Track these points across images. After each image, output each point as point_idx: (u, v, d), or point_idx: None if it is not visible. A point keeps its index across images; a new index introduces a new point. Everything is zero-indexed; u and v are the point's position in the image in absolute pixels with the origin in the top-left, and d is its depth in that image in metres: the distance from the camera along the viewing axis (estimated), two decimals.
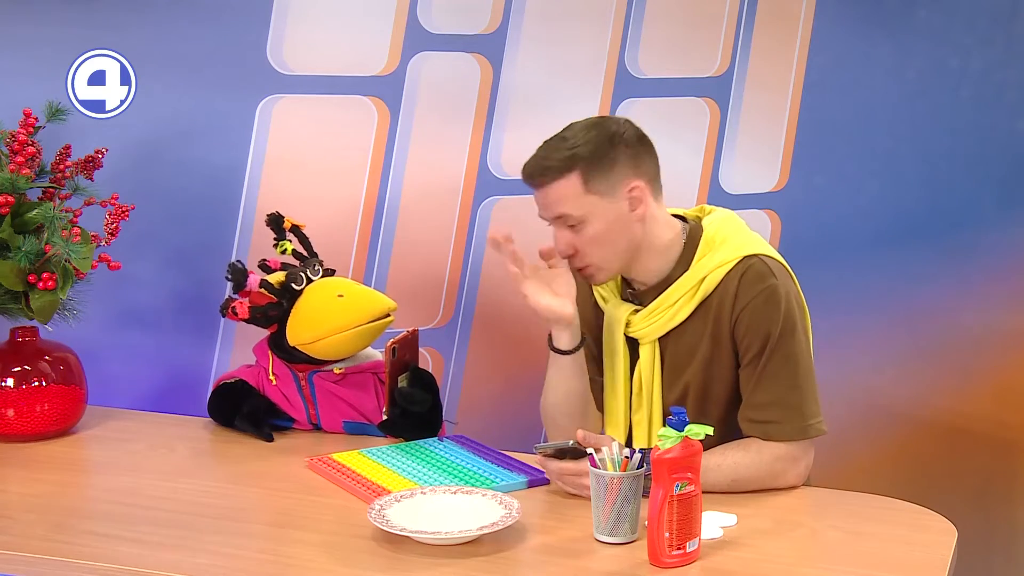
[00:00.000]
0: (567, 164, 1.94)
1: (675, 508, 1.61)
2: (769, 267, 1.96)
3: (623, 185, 1.96)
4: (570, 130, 1.99)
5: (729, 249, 1.98)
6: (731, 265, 1.96)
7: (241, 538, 1.77)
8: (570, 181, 1.94)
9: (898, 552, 1.68)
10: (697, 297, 1.98)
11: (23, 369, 2.18)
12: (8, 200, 2.10)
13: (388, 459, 2.03)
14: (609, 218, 1.96)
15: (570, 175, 1.94)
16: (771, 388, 1.93)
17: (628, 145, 1.97)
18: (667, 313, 2.00)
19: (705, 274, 1.97)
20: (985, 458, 2.84)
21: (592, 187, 1.94)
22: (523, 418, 2.73)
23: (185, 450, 2.15)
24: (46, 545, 1.72)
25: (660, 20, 2.69)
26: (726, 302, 1.96)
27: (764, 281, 1.94)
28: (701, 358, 1.99)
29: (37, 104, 2.22)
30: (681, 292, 1.99)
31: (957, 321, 2.81)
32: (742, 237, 2.01)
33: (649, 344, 2.02)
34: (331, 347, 2.15)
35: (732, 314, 1.95)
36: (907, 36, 2.77)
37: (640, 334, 2.03)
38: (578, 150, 1.94)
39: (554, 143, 1.98)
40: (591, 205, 1.95)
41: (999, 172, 2.79)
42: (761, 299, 1.93)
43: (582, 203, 1.95)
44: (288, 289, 2.17)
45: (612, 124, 1.99)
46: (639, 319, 2.03)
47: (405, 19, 2.53)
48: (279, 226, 2.23)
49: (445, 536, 1.67)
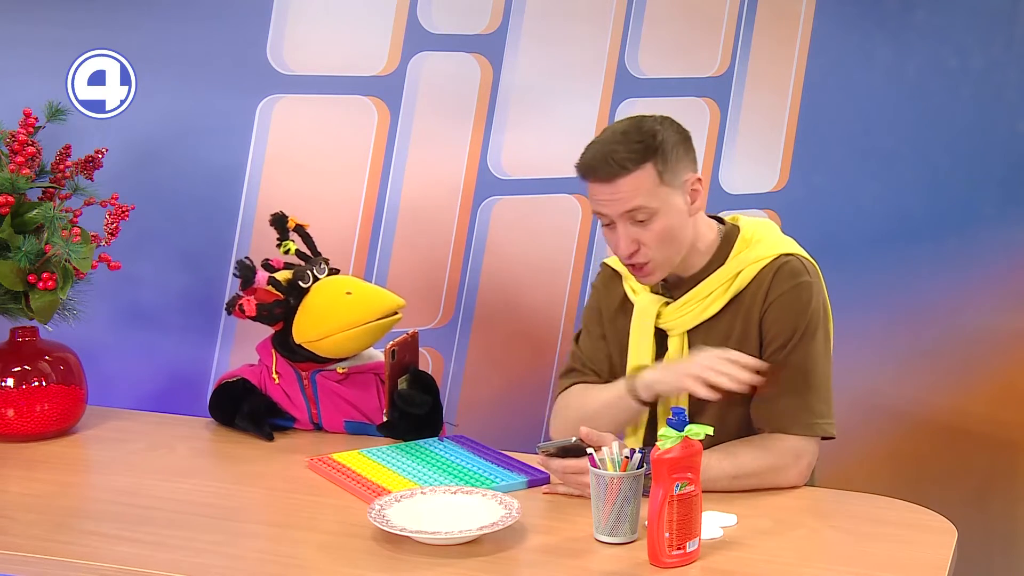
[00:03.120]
0: (643, 155, 1.91)
1: (675, 508, 1.61)
2: (804, 266, 1.98)
3: (686, 178, 1.96)
4: (623, 125, 1.97)
5: (766, 247, 2.00)
6: (766, 261, 1.98)
7: (241, 538, 1.77)
8: (646, 172, 1.91)
9: (898, 552, 1.68)
10: (731, 291, 1.98)
11: (23, 369, 2.18)
12: (8, 200, 2.10)
13: (388, 459, 2.03)
14: (677, 211, 1.95)
15: (646, 166, 1.91)
16: (784, 381, 1.94)
17: (684, 137, 1.97)
18: (699, 306, 2.00)
19: (740, 269, 1.98)
20: (985, 458, 2.85)
21: (665, 179, 1.93)
22: (523, 418, 2.74)
23: (185, 450, 2.15)
24: (46, 545, 1.72)
25: (660, 20, 2.69)
26: (758, 296, 1.97)
27: (797, 278, 1.96)
28: None
29: (37, 104, 2.22)
30: (715, 286, 1.99)
31: (957, 321, 2.82)
32: (778, 237, 2.04)
33: (678, 336, 2.02)
34: (338, 345, 2.15)
35: (762, 306, 1.96)
36: (907, 36, 2.77)
37: (670, 325, 2.03)
38: (651, 141, 1.92)
39: (619, 137, 1.94)
40: (665, 196, 1.93)
41: (999, 172, 2.79)
42: (792, 295, 1.95)
43: (657, 195, 1.92)
44: (295, 287, 2.17)
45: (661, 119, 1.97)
46: (670, 311, 2.02)
47: (405, 19, 2.53)
48: (283, 226, 2.23)
49: (445, 536, 1.67)
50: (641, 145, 1.92)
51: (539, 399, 2.77)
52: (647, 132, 1.93)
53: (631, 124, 1.97)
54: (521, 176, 2.67)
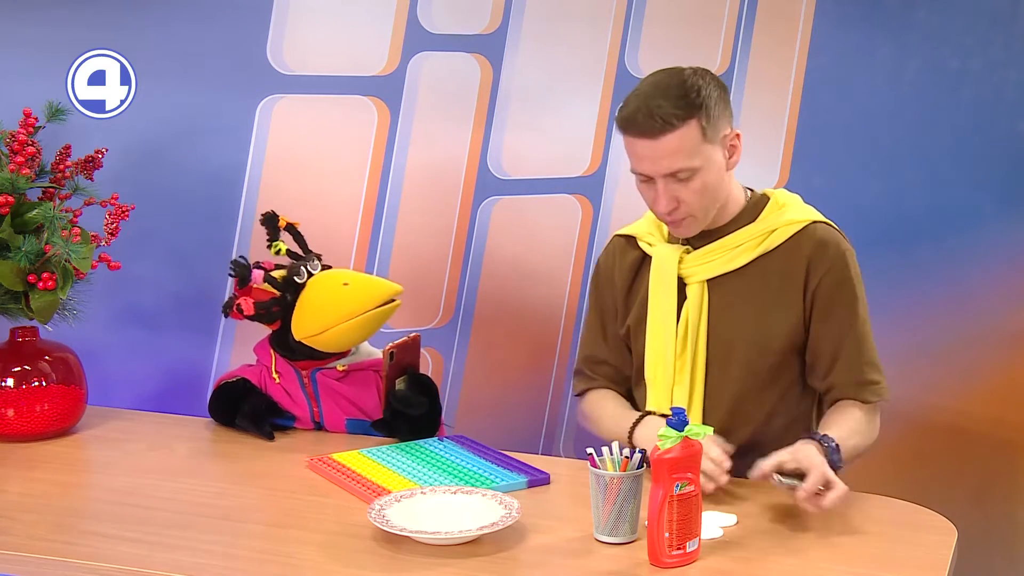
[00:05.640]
0: (688, 111, 1.87)
1: (675, 508, 1.61)
2: (840, 233, 2.02)
3: (726, 133, 1.94)
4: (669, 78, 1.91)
5: (797, 211, 2.02)
6: (800, 225, 1.99)
7: (241, 538, 1.77)
8: (691, 129, 1.87)
9: (898, 552, 1.68)
10: (761, 248, 1.98)
11: (23, 369, 2.18)
12: (8, 200, 2.10)
13: (388, 459, 2.03)
14: (717, 167, 1.93)
15: (690, 122, 1.88)
16: (864, 350, 2.00)
17: (723, 92, 1.94)
18: (726, 255, 1.99)
19: (774, 228, 1.99)
20: (985, 458, 2.84)
21: (708, 135, 1.90)
22: (523, 418, 2.74)
23: (185, 450, 2.15)
24: (46, 545, 1.72)
25: (660, 20, 2.69)
26: (798, 261, 1.97)
27: (843, 244, 2.00)
28: (758, 309, 1.99)
29: (37, 104, 2.22)
30: (746, 238, 1.99)
31: (958, 321, 2.81)
32: (807, 207, 2.05)
33: (698, 284, 2.00)
34: (338, 337, 2.15)
35: (807, 274, 1.97)
36: (907, 36, 2.77)
37: (690, 272, 2.00)
38: (695, 98, 1.88)
39: (658, 91, 1.89)
40: (708, 153, 1.91)
41: (999, 172, 2.79)
42: (842, 263, 1.98)
43: (700, 152, 1.90)
44: (291, 283, 2.17)
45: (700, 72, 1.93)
46: (694, 257, 2.01)
47: (405, 19, 2.53)
48: (274, 225, 2.22)
49: (445, 536, 1.67)
50: (685, 101, 1.87)
51: (539, 399, 2.77)
52: (691, 87, 1.89)
53: (671, 77, 1.92)
54: (521, 176, 2.67)
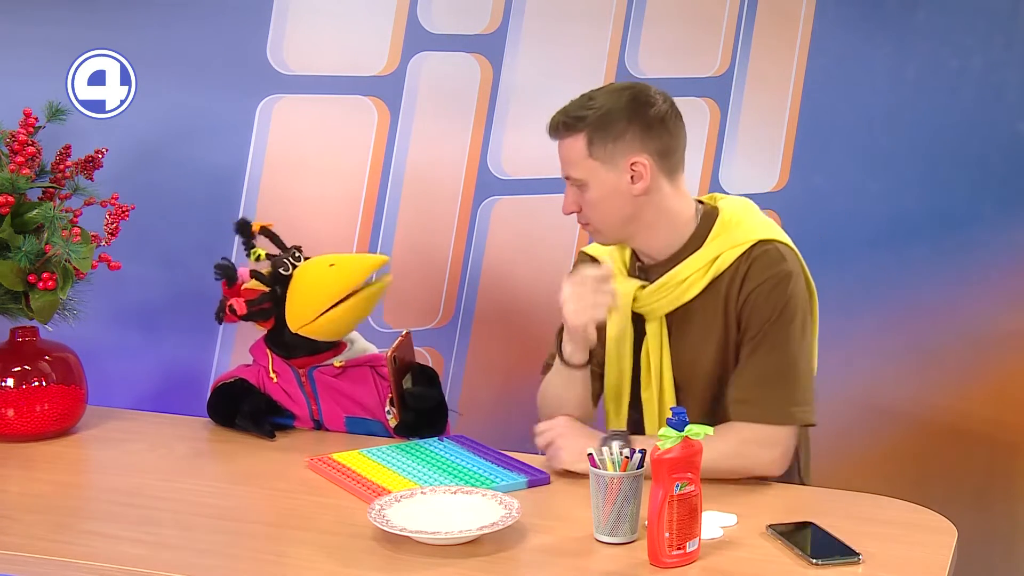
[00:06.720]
0: (575, 124, 1.96)
1: (675, 508, 1.61)
2: (783, 254, 1.97)
3: (625, 158, 1.95)
4: (600, 91, 2.00)
5: (744, 231, 1.98)
6: (745, 247, 1.97)
7: (241, 538, 1.77)
8: (576, 141, 1.96)
9: (898, 552, 1.68)
10: (708, 276, 1.98)
11: (23, 369, 2.17)
12: (8, 200, 2.10)
13: (388, 459, 2.03)
14: (608, 187, 1.96)
15: (577, 136, 1.95)
16: (756, 369, 1.94)
17: (643, 119, 1.95)
18: (677, 290, 1.99)
19: (718, 253, 1.97)
20: (985, 458, 2.84)
21: (594, 153, 1.95)
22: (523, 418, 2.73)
23: (185, 450, 2.15)
24: (46, 545, 1.72)
25: (660, 20, 2.69)
26: (735, 283, 1.96)
27: (776, 266, 1.95)
28: (714, 339, 1.98)
29: (37, 104, 2.22)
30: (692, 270, 1.98)
31: (957, 321, 2.81)
32: (757, 222, 2.02)
33: (656, 321, 2.02)
34: (334, 321, 2.15)
35: (739, 296, 1.96)
36: (907, 36, 2.77)
37: (647, 309, 2.02)
38: (589, 114, 1.94)
39: (580, 100, 1.98)
40: (592, 170, 1.96)
41: (999, 172, 2.79)
42: (770, 284, 1.94)
43: (584, 166, 1.96)
44: (278, 276, 2.17)
45: (642, 95, 1.97)
46: (647, 294, 2.02)
47: (405, 19, 2.53)
48: (248, 231, 2.22)
49: (445, 536, 1.67)
50: (579, 115, 1.95)
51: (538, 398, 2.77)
52: (598, 105, 1.95)
53: (609, 92, 1.99)
54: (521, 176, 2.66)
